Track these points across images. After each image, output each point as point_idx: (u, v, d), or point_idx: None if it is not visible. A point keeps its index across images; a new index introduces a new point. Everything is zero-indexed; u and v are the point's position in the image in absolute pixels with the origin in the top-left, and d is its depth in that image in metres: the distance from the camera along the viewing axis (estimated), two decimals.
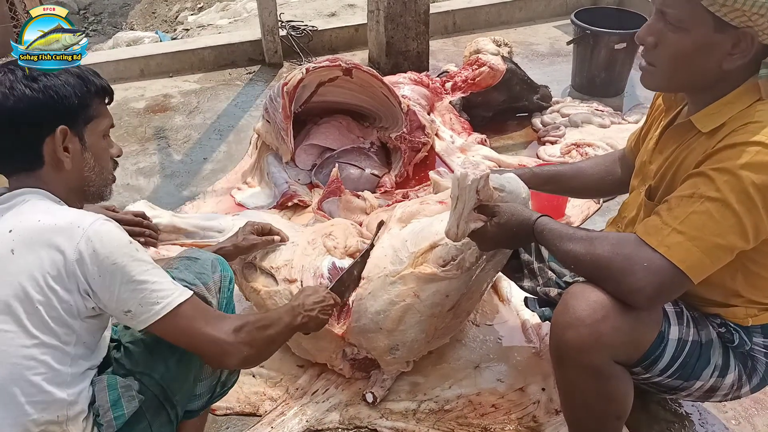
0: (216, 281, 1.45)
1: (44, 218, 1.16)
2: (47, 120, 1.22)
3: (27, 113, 1.20)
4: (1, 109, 1.19)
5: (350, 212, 2.48)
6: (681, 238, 1.23)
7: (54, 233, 1.14)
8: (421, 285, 1.72)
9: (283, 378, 1.99)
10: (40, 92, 1.20)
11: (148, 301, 1.18)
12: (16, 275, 1.13)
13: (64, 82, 1.23)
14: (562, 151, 3.09)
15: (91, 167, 1.31)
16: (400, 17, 3.72)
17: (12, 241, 1.15)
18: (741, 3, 1.18)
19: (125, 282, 1.16)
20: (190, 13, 6.47)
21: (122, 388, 1.25)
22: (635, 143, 1.71)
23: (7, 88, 1.20)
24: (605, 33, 3.41)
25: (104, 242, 1.15)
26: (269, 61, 4.17)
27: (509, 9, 4.73)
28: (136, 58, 4.10)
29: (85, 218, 1.17)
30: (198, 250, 1.52)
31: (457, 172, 1.45)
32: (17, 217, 1.18)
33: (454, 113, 3.23)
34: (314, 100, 2.87)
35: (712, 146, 1.26)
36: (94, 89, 1.29)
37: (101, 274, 1.15)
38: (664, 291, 1.26)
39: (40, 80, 1.21)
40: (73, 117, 1.25)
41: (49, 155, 1.24)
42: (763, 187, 1.19)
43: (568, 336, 1.32)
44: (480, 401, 1.89)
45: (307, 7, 5.22)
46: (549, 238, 1.40)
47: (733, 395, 1.48)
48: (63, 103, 1.23)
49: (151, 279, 1.19)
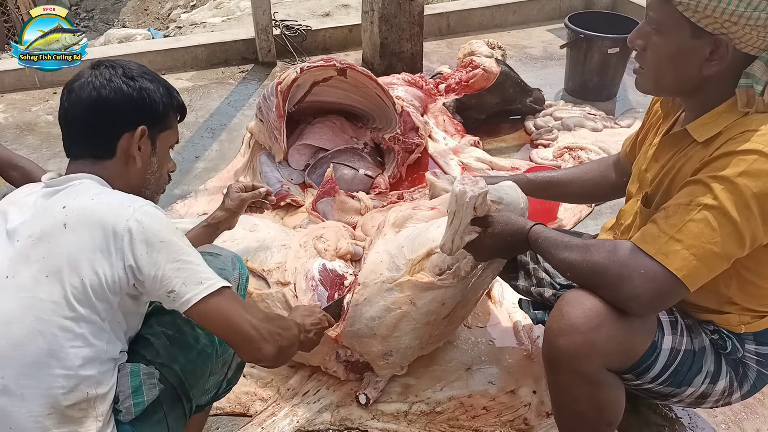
0: (235, 278, 1.48)
1: (97, 198, 1.20)
2: (133, 117, 1.29)
3: (118, 105, 1.27)
4: (96, 96, 1.26)
5: (344, 213, 2.48)
6: (678, 246, 1.23)
7: (106, 211, 1.18)
8: (418, 293, 1.72)
9: (274, 378, 1.98)
10: (135, 90, 1.29)
11: (193, 280, 1.19)
12: (66, 248, 1.16)
13: (156, 89, 1.32)
14: (554, 154, 3.10)
15: (153, 171, 1.38)
16: (394, 18, 3.72)
17: (65, 216, 1.18)
18: (711, 10, 1.20)
19: (171, 260, 1.18)
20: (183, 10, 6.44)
21: (144, 375, 1.26)
22: (630, 148, 1.72)
23: (106, 80, 1.27)
24: (598, 37, 3.43)
25: (153, 222, 1.18)
26: (262, 60, 4.15)
27: (503, 12, 4.75)
28: (128, 55, 4.06)
29: (136, 200, 1.21)
30: (217, 247, 1.55)
31: (456, 188, 1.44)
32: (71, 196, 1.22)
33: (447, 115, 3.24)
34: (308, 100, 2.86)
35: (709, 154, 1.27)
36: (176, 104, 1.39)
37: (149, 251, 1.17)
38: (660, 299, 1.27)
39: (137, 80, 1.30)
40: (155, 122, 1.33)
41: (122, 149, 1.30)
42: (760, 196, 1.19)
43: (561, 343, 1.32)
44: (471, 403, 1.89)
45: (301, 6, 5.21)
46: (544, 246, 1.40)
47: (724, 402, 1.49)
48: (151, 107, 1.31)
49: (195, 260, 1.21)
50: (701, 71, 1.29)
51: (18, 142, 3.29)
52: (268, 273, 1.89)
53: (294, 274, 1.88)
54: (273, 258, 1.94)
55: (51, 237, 1.17)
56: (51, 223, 1.18)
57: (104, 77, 1.28)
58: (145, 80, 1.31)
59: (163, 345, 1.33)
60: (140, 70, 1.33)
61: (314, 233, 2.06)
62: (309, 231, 2.10)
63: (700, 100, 1.34)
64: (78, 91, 1.28)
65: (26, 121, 3.53)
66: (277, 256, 1.94)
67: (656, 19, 1.30)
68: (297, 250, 1.96)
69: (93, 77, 1.28)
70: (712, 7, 1.20)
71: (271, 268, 1.91)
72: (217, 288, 1.20)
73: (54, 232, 1.17)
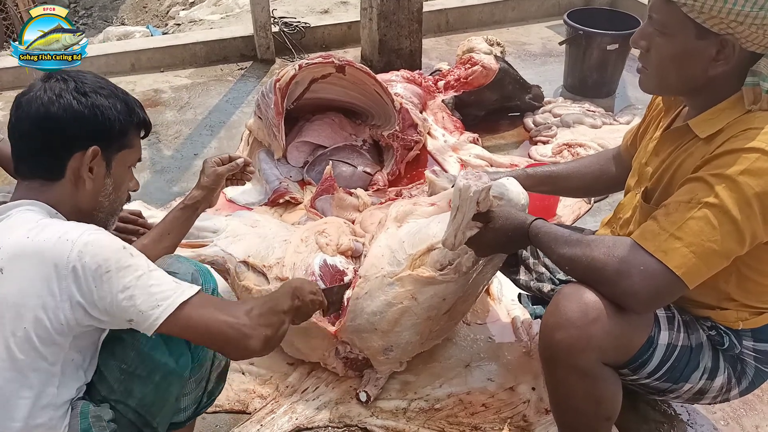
0: None
1: (33, 234, 1.12)
2: (84, 137, 1.21)
3: (68, 124, 1.19)
4: (44, 113, 1.18)
5: (343, 210, 2.48)
6: (678, 244, 1.23)
7: (43, 249, 1.10)
8: (419, 288, 1.72)
9: (273, 376, 1.98)
10: (86, 108, 1.20)
11: (148, 305, 1.13)
12: (4, 296, 1.09)
13: (111, 105, 1.23)
14: (553, 151, 3.10)
15: (107, 194, 1.29)
16: (393, 15, 3.71)
17: (1, 260, 1.11)
18: (717, 11, 1.20)
19: (121, 289, 1.12)
20: (182, 8, 6.42)
21: (93, 418, 1.20)
22: (631, 142, 1.71)
23: (55, 95, 1.19)
24: (597, 34, 3.42)
25: (95, 252, 1.11)
26: (261, 58, 4.14)
27: (502, 8, 4.74)
28: (126, 52, 4.06)
29: (73, 230, 1.13)
30: (177, 261, 1.43)
31: (460, 183, 1.44)
32: (6, 233, 1.14)
33: (446, 112, 3.23)
34: (307, 97, 2.86)
35: (710, 151, 1.26)
36: (136, 120, 1.29)
37: (97, 285, 1.10)
38: (659, 295, 1.27)
39: (89, 96, 1.21)
40: (109, 141, 1.25)
41: (72, 170, 1.22)
42: (761, 194, 1.19)
43: (557, 337, 1.32)
44: (470, 400, 1.89)
45: (300, 3, 5.20)
46: (544, 241, 1.40)
47: (722, 398, 1.49)
48: (105, 125, 1.22)
49: (148, 282, 1.14)
50: (707, 71, 1.28)
51: None
52: (268, 269, 1.89)
53: (292, 270, 1.88)
54: (274, 254, 1.94)
55: None
56: None
57: (53, 92, 1.19)
58: (100, 96, 1.22)
59: (117, 380, 1.26)
60: (95, 84, 1.23)
61: (316, 228, 2.06)
62: (311, 226, 2.10)
63: (704, 98, 1.33)
64: (26, 106, 1.19)
65: None
66: (278, 251, 1.94)
67: (660, 20, 1.29)
68: (297, 245, 1.96)
69: (42, 91, 1.20)
70: (717, 8, 1.19)
71: (271, 263, 1.90)
72: (178, 305, 1.14)
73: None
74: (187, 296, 1.17)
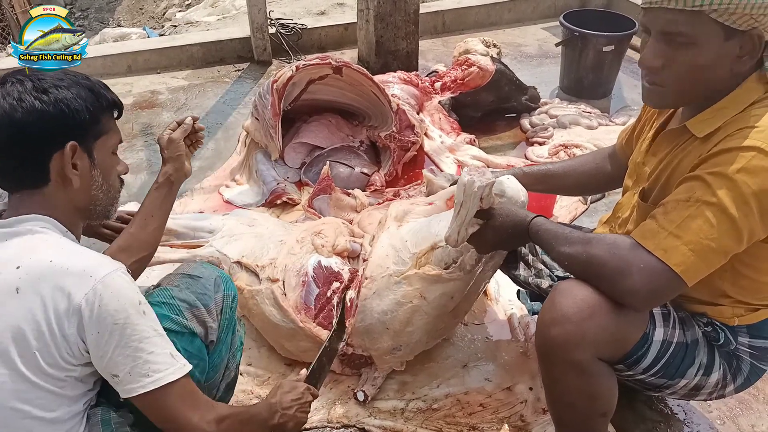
0: (218, 302, 1.40)
1: (57, 259, 1.10)
2: (57, 135, 1.16)
3: (36, 127, 1.13)
4: (8, 122, 1.12)
5: (340, 210, 2.48)
6: (677, 242, 1.24)
7: (65, 276, 1.08)
8: (427, 286, 1.72)
9: (271, 376, 1.98)
10: (50, 105, 1.14)
11: (139, 371, 1.12)
12: (15, 316, 1.07)
13: (75, 95, 1.17)
14: (549, 152, 3.11)
15: (99, 185, 1.25)
16: (389, 16, 3.72)
17: (19, 279, 1.08)
18: (749, 8, 1.19)
19: (122, 345, 1.10)
20: (178, 9, 6.42)
21: (116, 425, 1.20)
22: (626, 140, 1.72)
23: (15, 100, 1.13)
24: (593, 35, 3.43)
25: (111, 299, 1.09)
26: (258, 59, 4.15)
27: (498, 10, 4.75)
28: (123, 53, 4.06)
29: (99, 268, 1.11)
30: (201, 266, 1.44)
31: (464, 178, 1.45)
32: (27, 252, 1.11)
33: (443, 113, 3.24)
34: (304, 98, 2.86)
35: (707, 150, 1.27)
36: (105, 103, 1.24)
37: (100, 331, 1.09)
38: (658, 293, 1.28)
39: (50, 92, 1.15)
40: (84, 132, 1.19)
41: (56, 172, 1.18)
42: (759, 192, 1.20)
43: (553, 332, 1.33)
44: (468, 400, 1.90)
45: (297, 5, 5.21)
46: (545, 238, 1.40)
47: (718, 394, 1.50)
48: (74, 118, 1.17)
49: (149, 348, 1.13)
50: (732, 71, 1.28)
51: None
52: (261, 269, 1.90)
53: (284, 271, 1.88)
54: (268, 254, 1.94)
55: (1, 302, 1.08)
56: (2, 287, 1.08)
57: (12, 96, 1.13)
58: (61, 89, 1.16)
59: None
60: (53, 77, 1.17)
61: (313, 229, 2.06)
62: (308, 226, 2.10)
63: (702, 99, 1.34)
64: None
65: None
66: (272, 251, 1.95)
67: (685, 32, 1.25)
68: (292, 245, 1.96)
69: (1, 99, 1.13)
70: (743, 4, 1.19)
71: (264, 264, 1.91)
72: (165, 384, 1.13)
73: (5, 297, 1.08)
74: (176, 377, 1.15)
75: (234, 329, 1.48)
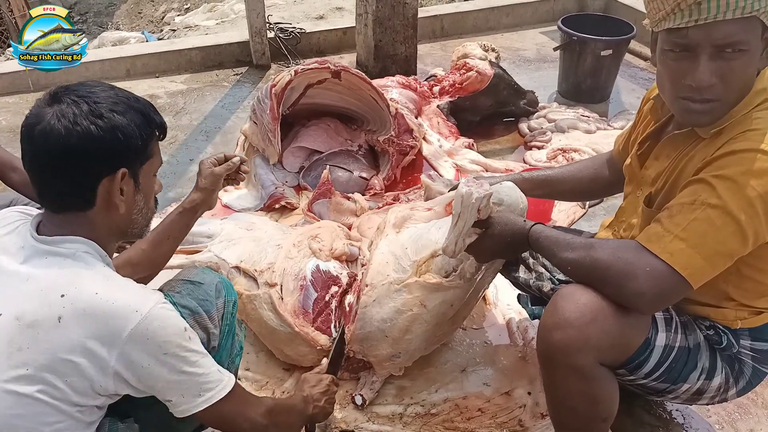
0: (219, 308, 1.40)
1: (102, 292, 1.09)
2: (109, 161, 1.14)
3: (90, 152, 1.11)
4: (63, 145, 1.09)
5: (340, 214, 2.48)
6: (683, 245, 1.24)
7: (109, 312, 1.08)
8: (427, 294, 1.72)
9: (269, 381, 1.98)
10: (107, 132, 1.11)
11: (191, 392, 1.16)
12: (55, 345, 1.06)
13: (129, 121, 1.15)
14: (548, 156, 3.11)
15: (140, 209, 1.24)
16: (388, 21, 3.73)
17: (62, 308, 1.07)
18: None
19: (173, 372, 1.12)
20: (177, 13, 6.43)
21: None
22: (623, 146, 1.73)
23: (70, 122, 1.09)
24: (591, 39, 3.44)
25: (159, 331, 1.10)
26: (257, 63, 4.15)
27: (496, 14, 4.76)
28: (122, 57, 4.07)
29: (144, 302, 1.10)
30: (202, 272, 1.44)
31: (462, 189, 1.45)
32: (72, 280, 1.10)
33: (441, 117, 3.24)
34: (302, 102, 2.87)
35: (711, 153, 1.28)
36: (155, 126, 1.22)
37: (150, 364, 1.10)
38: (664, 296, 1.28)
39: (106, 117, 1.12)
40: (134, 158, 1.18)
41: (102, 197, 1.16)
42: (764, 194, 1.20)
43: (555, 337, 1.33)
44: (466, 405, 1.89)
45: (295, 9, 5.22)
46: (546, 245, 1.40)
47: (720, 398, 1.50)
48: (127, 144, 1.14)
49: (199, 371, 1.16)
50: (758, 68, 1.29)
51: (11, 145, 3.25)
52: (259, 273, 1.89)
53: (282, 276, 1.88)
54: (266, 258, 1.94)
55: (41, 328, 1.06)
56: (44, 313, 1.07)
57: (68, 119, 1.09)
58: (117, 114, 1.13)
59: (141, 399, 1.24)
60: (108, 100, 1.14)
61: (309, 233, 2.06)
62: (304, 230, 2.10)
63: None
64: (41, 139, 1.10)
65: (20, 125, 3.47)
66: (270, 256, 1.94)
67: (744, 40, 1.22)
68: (289, 250, 1.95)
69: (56, 119, 1.09)
70: None
71: (262, 268, 1.90)
72: (217, 401, 1.18)
73: (46, 323, 1.06)
74: (226, 392, 1.21)
75: (234, 335, 1.48)
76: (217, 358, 1.39)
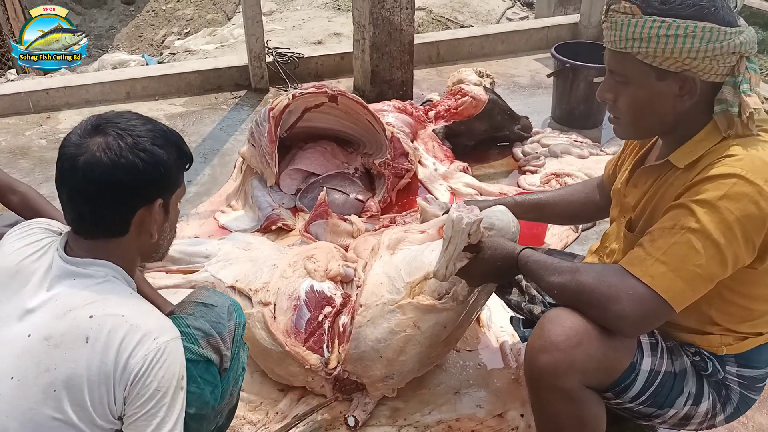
0: (231, 330, 1.42)
1: (129, 316, 1.13)
2: (150, 193, 1.19)
3: (132, 184, 1.16)
4: (107, 176, 1.14)
5: (337, 236, 2.50)
6: (664, 269, 1.27)
7: (131, 333, 1.12)
8: (420, 315, 1.74)
9: (263, 402, 1.98)
10: (150, 165, 1.16)
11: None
12: (82, 365, 1.09)
13: (168, 155, 1.20)
14: (541, 180, 3.15)
15: (166, 236, 1.30)
16: (385, 47, 3.79)
17: (90, 329, 1.11)
18: (669, 52, 1.27)
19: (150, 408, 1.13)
20: (177, 37, 6.52)
21: None
22: (612, 171, 1.76)
23: (116, 155, 1.14)
24: (584, 66, 3.50)
25: (163, 365, 1.12)
26: (255, 87, 4.21)
27: (491, 42, 4.85)
28: (122, 80, 4.11)
29: (163, 332, 1.15)
30: (214, 294, 1.46)
31: (453, 214, 1.48)
32: (101, 304, 1.14)
33: (436, 141, 3.29)
34: (300, 126, 2.91)
35: (690, 179, 1.31)
36: (185, 157, 1.27)
37: (140, 392, 1.12)
38: (647, 319, 1.30)
39: (148, 151, 1.17)
40: (168, 189, 1.24)
41: (136, 226, 1.20)
42: (741, 218, 1.23)
43: (542, 360, 1.35)
44: (459, 427, 1.90)
45: (294, 34, 5.30)
46: (533, 269, 1.43)
47: (708, 424, 1.51)
48: (166, 177, 1.20)
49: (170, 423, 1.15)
50: (675, 108, 1.35)
51: (11, 166, 3.29)
52: (254, 293, 1.91)
53: (276, 295, 1.89)
54: (262, 278, 1.95)
55: (69, 348, 1.10)
56: (73, 333, 1.10)
57: (114, 152, 1.14)
58: (157, 148, 1.18)
59: None
60: (150, 134, 1.19)
61: (306, 253, 2.08)
62: (300, 251, 2.11)
63: (678, 134, 1.39)
64: (87, 170, 1.13)
65: (19, 146, 3.52)
66: (265, 275, 1.96)
67: (619, 72, 1.36)
68: (284, 270, 1.97)
69: (101, 152, 1.14)
70: (669, 50, 1.26)
71: (257, 288, 1.92)
72: None
73: (74, 344, 1.10)
74: None
75: (239, 356, 1.50)
76: (227, 379, 1.42)
